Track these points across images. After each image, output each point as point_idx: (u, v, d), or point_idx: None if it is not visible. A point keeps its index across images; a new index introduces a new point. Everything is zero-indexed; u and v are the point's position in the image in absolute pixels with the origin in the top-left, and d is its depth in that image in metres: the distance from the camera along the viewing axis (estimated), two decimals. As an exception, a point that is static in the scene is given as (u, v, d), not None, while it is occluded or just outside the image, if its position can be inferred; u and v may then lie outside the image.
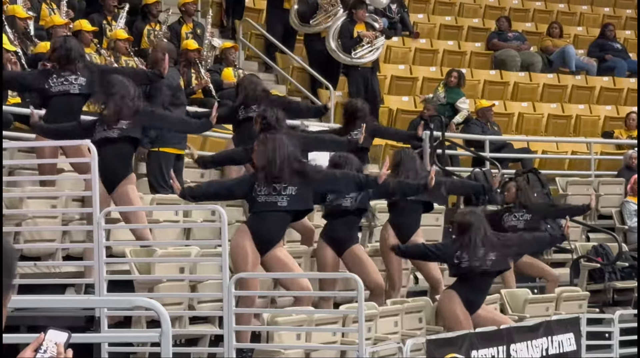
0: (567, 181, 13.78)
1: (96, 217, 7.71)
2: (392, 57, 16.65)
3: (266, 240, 7.93)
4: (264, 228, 7.92)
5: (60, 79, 8.66)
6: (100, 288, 7.67)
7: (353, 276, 7.84)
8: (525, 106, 16.58)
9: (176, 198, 9.32)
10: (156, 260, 7.99)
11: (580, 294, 10.93)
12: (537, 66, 17.47)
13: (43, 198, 8.55)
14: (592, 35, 18.83)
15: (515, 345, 9.05)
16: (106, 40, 12.12)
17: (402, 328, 8.89)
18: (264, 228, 7.92)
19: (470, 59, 17.38)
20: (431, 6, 18.80)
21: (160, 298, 7.11)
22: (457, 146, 14.09)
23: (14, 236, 8.19)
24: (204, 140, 11.89)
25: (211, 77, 12.29)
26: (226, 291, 7.52)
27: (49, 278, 8.22)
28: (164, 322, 5.95)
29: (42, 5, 11.89)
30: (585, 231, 13.20)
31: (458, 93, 15.04)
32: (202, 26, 13.60)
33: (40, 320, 7.54)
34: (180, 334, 7.99)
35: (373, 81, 14.47)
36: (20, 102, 10.18)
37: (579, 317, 10.09)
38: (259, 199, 7.90)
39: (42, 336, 2.72)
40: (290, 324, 7.83)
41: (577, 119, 16.48)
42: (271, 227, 7.95)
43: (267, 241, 7.94)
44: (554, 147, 15.75)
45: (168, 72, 9.63)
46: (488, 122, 14.71)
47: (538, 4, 19.95)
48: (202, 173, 10.56)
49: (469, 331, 8.73)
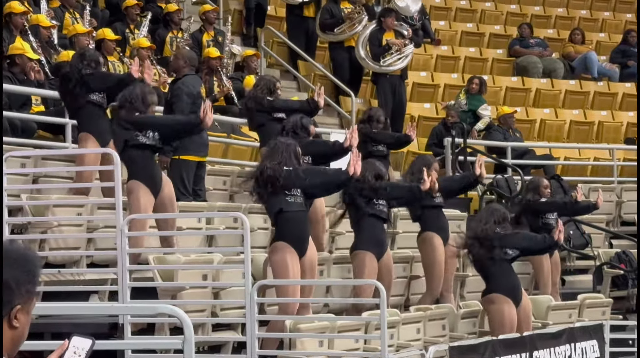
0: (590, 188, 13.72)
1: (119, 224, 7.73)
2: (413, 64, 16.66)
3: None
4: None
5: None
6: (123, 295, 7.68)
7: (375, 283, 7.86)
8: (547, 112, 16.56)
9: (199, 205, 9.40)
10: (179, 267, 8.01)
11: (604, 301, 10.90)
12: (559, 72, 17.44)
13: (69, 205, 8.60)
14: (614, 41, 18.78)
15: (538, 352, 9.05)
16: (129, 49, 12.22)
17: (424, 335, 8.88)
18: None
19: (492, 66, 17.38)
20: (453, 13, 18.81)
21: (183, 305, 7.15)
22: (478, 153, 14.08)
23: (39, 244, 8.24)
24: (226, 148, 11.95)
25: (233, 84, 12.36)
26: (249, 298, 7.53)
27: (73, 285, 8.25)
28: (187, 329, 5.99)
29: (65, 14, 12.01)
30: (608, 237, 13.16)
31: (480, 100, 15.05)
32: (223, 34, 13.69)
33: (64, 327, 7.58)
34: (203, 341, 8.01)
35: (401, 88, 14.50)
36: (44, 110, 10.27)
37: (602, 323, 10.09)
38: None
39: (66, 343, 2.73)
40: (313, 331, 7.82)
41: (600, 125, 16.44)
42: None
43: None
44: (576, 153, 15.72)
45: (188, 80, 9.70)
46: (510, 129, 14.70)
47: (560, 11, 19.93)
48: (224, 180, 10.59)
49: (492, 338, 8.74)
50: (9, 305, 2.63)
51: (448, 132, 13.50)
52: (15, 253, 2.67)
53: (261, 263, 8.38)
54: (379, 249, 8.91)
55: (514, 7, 19.58)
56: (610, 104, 17.17)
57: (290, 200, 7.92)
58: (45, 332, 7.47)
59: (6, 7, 10.90)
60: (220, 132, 11.71)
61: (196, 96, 9.72)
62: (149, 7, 13.42)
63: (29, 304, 2.68)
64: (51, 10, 11.62)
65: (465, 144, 13.21)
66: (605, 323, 10.14)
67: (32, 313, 2.72)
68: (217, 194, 10.38)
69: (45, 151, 9.53)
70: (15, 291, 2.64)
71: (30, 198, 8.49)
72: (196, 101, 9.68)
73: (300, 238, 7.99)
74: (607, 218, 13.43)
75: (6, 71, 10.10)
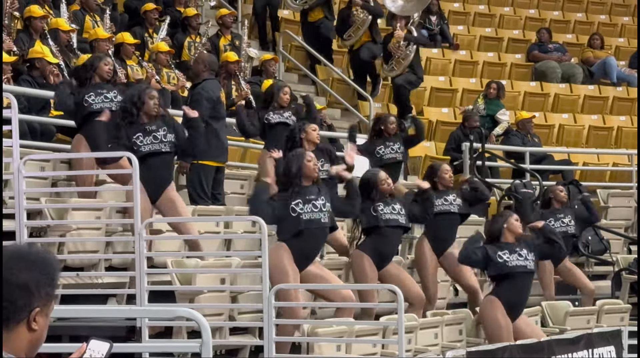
0: (609, 193, 13.71)
1: (137, 228, 7.77)
2: (432, 68, 16.70)
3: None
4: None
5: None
6: (141, 298, 7.72)
7: (393, 287, 7.87)
8: (565, 117, 16.55)
9: (217, 209, 9.43)
10: (197, 271, 8.05)
11: (622, 307, 10.87)
12: (577, 77, 17.43)
13: (87, 209, 8.65)
14: (634, 46, 18.72)
15: (556, 357, 9.04)
16: (147, 53, 12.28)
17: (442, 340, 8.91)
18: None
19: (510, 71, 17.38)
20: (471, 18, 18.83)
21: (201, 309, 7.14)
22: (497, 158, 14.08)
23: (58, 247, 8.29)
24: (244, 152, 11.98)
25: (251, 88, 12.41)
26: (266, 302, 7.56)
27: (91, 288, 8.31)
28: (205, 332, 6.02)
29: (85, 17, 12.08)
30: (627, 243, 13.11)
31: (498, 105, 15.05)
32: (240, 37, 13.74)
33: (82, 330, 7.63)
34: (221, 345, 8.03)
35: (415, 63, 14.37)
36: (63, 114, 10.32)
37: (621, 329, 10.05)
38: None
39: (84, 346, 2.75)
40: (331, 335, 7.86)
41: (619, 130, 16.42)
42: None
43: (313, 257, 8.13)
44: (595, 159, 15.70)
45: (208, 85, 9.73)
46: (528, 134, 14.69)
47: (579, 16, 19.90)
48: (242, 184, 10.63)
49: (510, 343, 8.72)
50: (28, 308, 2.64)
51: (466, 137, 13.50)
52: (35, 256, 2.68)
53: None
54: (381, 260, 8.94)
55: (532, 12, 19.58)
56: (629, 109, 17.13)
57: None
58: (63, 334, 7.51)
59: (26, 11, 10.98)
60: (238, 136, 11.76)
61: (216, 101, 9.76)
62: (168, 11, 13.49)
63: (47, 307, 2.69)
64: (70, 14, 11.68)
65: (483, 149, 13.20)
66: (624, 329, 10.11)
67: (50, 315, 2.73)
68: (236, 198, 10.41)
69: (64, 154, 9.59)
70: (35, 293, 2.65)
71: (49, 201, 8.54)
72: (216, 106, 9.73)
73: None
74: (626, 224, 13.39)
75: (26, 75, 10.18)
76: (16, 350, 2.64)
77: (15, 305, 2.63)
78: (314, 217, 7.98)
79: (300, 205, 7.98)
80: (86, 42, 11.55)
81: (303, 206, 7.98)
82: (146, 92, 8.44)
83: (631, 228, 13.51)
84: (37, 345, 2.70)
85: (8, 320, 2.63)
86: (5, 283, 2.62)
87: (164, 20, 12.96)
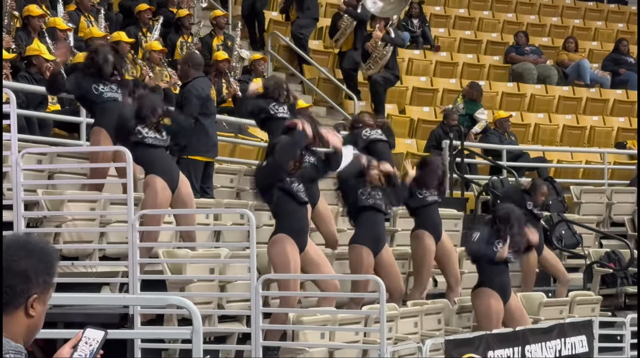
0: (581, 190, 13.96)
1: (131, 219, 7.92)
2: (413, 69, 16.95)
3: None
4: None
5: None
6: (134, 287, 7.85)
7: (375, 278, 8.14)
8: (541, 117, 16.80)
9: (207, 202, 9.63)
10: (188, 261, 8.20)
11: (593, 298, 11.13)
12: (553, 78, 17.69)
13: (83, 200, 8.79)
14: (607, 49, 19.07)
15: (530, 346, 9.27)
16: (141, 51, 12.46)
17: (421, 328, 9.12)
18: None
19: (488, 72, 17.63)
20: (452, 21, 19.10)
21: (191, 298, 7.26)
22: (475, 155, 14.34)
23: (54, 237, 8.43)
24: (233, 147, 12.18)
25: (241, 86, 12.63)
26: (254, 291, 7.75)
27: (85, 277, 8.41)
28: (196, 320, 6.19)
29: (81, 17, 12.21)
30: (598, 237, 13.39)
31: (476, 104, 15.30)
32: (232, 38, 13.96)
33: (77, 317, 7.76)
34: (210, 332, 8.16)
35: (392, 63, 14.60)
36: (59, 109, 10.51)
37: (592, 320, 10.30)
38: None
39: (80, 334, 2.78)
40: (315, 324, 8.05)
41: (591, 130, 16.69)
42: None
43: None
44: (568, 157, 15.96)
45: (198, 83, 9.89)
46: (505, 133, 14.93)
47: (554, 20, 20.24)
48: (232, 178, 10.77)
49: (486, 332, 9.01)
50: (26, 294, 2.68)
51: (446, 135, 13.75)
52: (34, 245, 2.72)
53: (266, 258, 8.54)
54: (376, 244, 9.17)
55: (510, 16, 19.88)
56: (601, 109, 17.44)
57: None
58: (58, 321, 7.61)
59: (25, 10, 11.12)
60: (228, 132, 11.94)
61: (205, 98, 9.86)
62: (161, 11, 13.63)
63: (45, 294, 2.72)
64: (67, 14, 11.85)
65: (462, 146, 13.45)
66: (595, 320, 10.33)
67: (48, 303, 2.77)
68: (225, 192, 10.52)
69: (60, 148, 9.74)
70: (33, 280, 2.68)
71: (46, 193, 8.65)
72: (205, 103, 9.84)
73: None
74: (598, 219, 13.67)
75: (24, 71, 10.29)
76: (14, 335, 2.68)
77: (14, 291, 2.67)
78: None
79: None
80: (82, 40, 11.69)
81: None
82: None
83: (602, 223, 13.83)
84: (35, 331, 2.73)
85: (7, 305, 2.67)
86: (5, 270, 2.65)
87: (157, 20, 13.11)
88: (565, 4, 21.07)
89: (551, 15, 20.38)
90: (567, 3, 21.19)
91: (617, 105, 17.60)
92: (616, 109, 17.56)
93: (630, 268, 12.40)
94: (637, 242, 12.84)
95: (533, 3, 20.68)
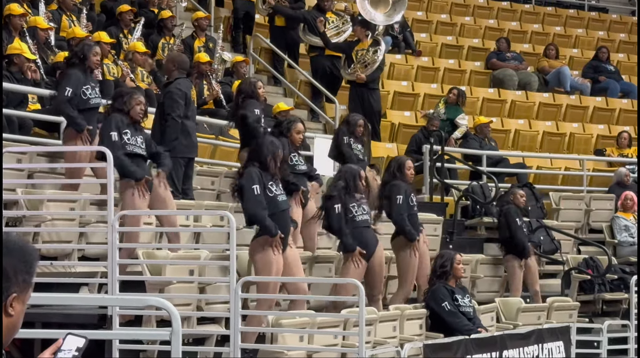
0: (560, 196, 14.06)
1: (110, 219, 7.92)
2: (395, 73, 17.02)
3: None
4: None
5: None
6: (112, 287, 7.86)
7: (354, 281, 8.16)
8: (521, 123, 16.90)
9: (187, 203, 9.63)
10: (167, 262, 8.19)
11: (571, 304, 11.22)
12: (533, 85, 17.80)
13: (62, 200, 8.77)
14: (587, 57, 19.21)
15: (508, 351, 9.34)
16: (123, 52, 12.47)
17: (400, 332, 9.13)
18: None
19: (469, 77, 17.73)
20: (433, 26, 19.19)
21: (171, 299, 7.13)
22: (455, 160, 14.40)
23: (33, 237, 8.41)
24: (214, 149, 12.18)
25: (222, 88, 12.65)
26: (233, 293, 7.76)
27: (64, 277, 8.39)
28: (175, 321, 6.12)
29: (62, 16, 12.19)
30: (576, 244, 13.47)
31: (457, 110, 15.38)
32: (214, 40, 13.97)
33: (55, 317, 7.75)
34: (189, 333, 8.14)
35: (371, 97, 14.64)
36: (40, 109, 10.49)
37: (569, 326, 10.40)
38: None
39: (60, 340, 2.77)
40: (294, 326, 8.05)
41: (571, 136, 16.79)
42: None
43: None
44: (548, 163, 16.04)
45: (180, 83, 9.91)
46: (485, 138, 15.00)
47: (536, 27, 20.37)
48: (212, 181, 10.80)
49: (465, 337, 9.04)
50: (5, 293, 2.64)
51: (427, 140, 13.81)
52: (13, 244, 2.68)
53: (246, 260, 8.57)
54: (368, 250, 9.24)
55: (492, 22, 20.00)
56: (581, 116, 17.55)
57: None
58: (36, 321, 7.57)
59: (6, 9, 11.07)
60: (208, 134, 11.96)
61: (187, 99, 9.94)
62: (142, 12, 13.63)
63: (24, 293, 2.69)
64: (49, 13, 11.83)
65: (442, 151, 13.51)
66: (572, 326, 10.43)
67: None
68: (205, 194, 10.56)
69: (40, 147, 9.72)
70: (13, 279, 2.65)
71: (25, 192, 8.64)
72: (186, 104, 9.92)
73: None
74: (576, 226, 13.77)
75: (4, 70, 10.22)
76: None
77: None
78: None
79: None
80: (64, 40, 11.69)
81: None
82: (133, 97, 8.61)
83: (581, 230, 13.91)
84: (13, 331, 2.69)
85: None
86: None
87: (138, 21, 13.11)
88: (546, 11, 21.21)
89: (532, 22, 20.52)
90: (549, 10, 21.34)
91: (596, 112, 17.72)
92: (596, 116, 17.68)
93: (608, 274, 12.48)
94: (638, 246, 12.91)
95: (514, 10, 20.81)
